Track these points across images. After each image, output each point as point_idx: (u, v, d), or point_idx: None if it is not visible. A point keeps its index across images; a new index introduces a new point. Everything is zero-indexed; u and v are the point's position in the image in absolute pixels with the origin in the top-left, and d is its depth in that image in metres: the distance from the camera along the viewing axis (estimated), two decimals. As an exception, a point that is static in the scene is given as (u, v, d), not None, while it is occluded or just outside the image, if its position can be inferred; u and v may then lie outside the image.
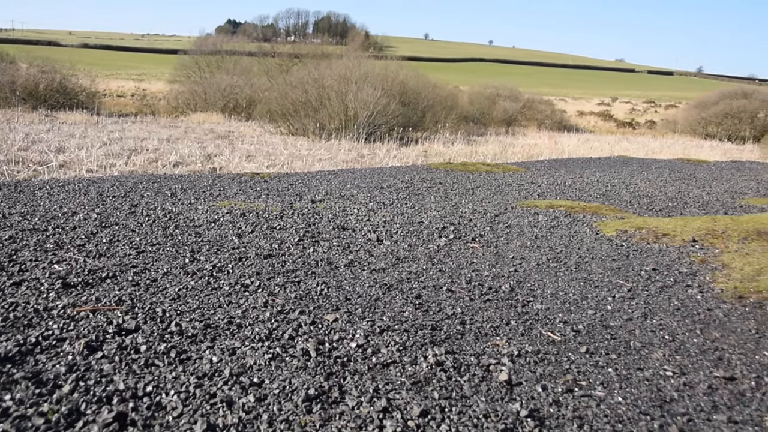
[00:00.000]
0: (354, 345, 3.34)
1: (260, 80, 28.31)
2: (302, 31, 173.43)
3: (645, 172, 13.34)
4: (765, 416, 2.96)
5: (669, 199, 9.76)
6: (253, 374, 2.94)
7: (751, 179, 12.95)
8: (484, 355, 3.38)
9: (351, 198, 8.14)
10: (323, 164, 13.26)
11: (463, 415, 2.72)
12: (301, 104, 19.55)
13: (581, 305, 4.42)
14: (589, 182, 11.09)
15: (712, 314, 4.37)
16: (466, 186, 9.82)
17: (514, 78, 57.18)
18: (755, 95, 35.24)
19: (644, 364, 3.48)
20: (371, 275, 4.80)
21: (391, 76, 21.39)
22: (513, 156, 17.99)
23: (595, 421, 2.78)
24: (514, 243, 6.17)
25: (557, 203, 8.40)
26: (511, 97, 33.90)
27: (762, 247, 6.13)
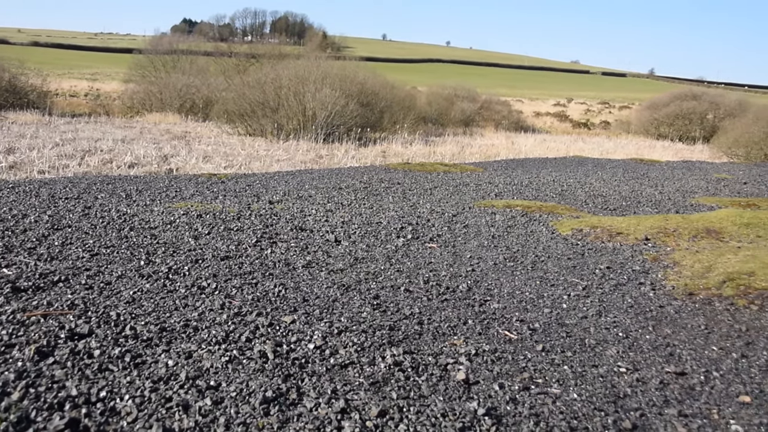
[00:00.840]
0: (312, 346, 3.33)
1: (217, 80, 28.02)
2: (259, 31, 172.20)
3: (600, 171, 13.56)
4: (713, 409, 3.04)
5: (623, 198, 9.93)
6: (209, 377, 2.91)
7: (701, 179, 13.25)
8: (442, 355, 3.40)
9: (309, 199, 8.11)
10: (281, 165, 13.19)
11: (421, 415, 2.73)
12: (258, 105, 19.41)
13: (537, 304, 4.47)
14: (545, 182, 11.23)
15: (664, 311, 4.46)
16: (424, 186, 9.86)
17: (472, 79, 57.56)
18: (704, 97, 36.09)
19: (599, 361, 3.54)
20: (329, 276, 4.79)
21: (350, 77, 21.37)
22: (471, 156, 18.12)
23: (551, 418, 2.82)
24: (472, 243, 6.21)
25: (514, 203, 8.48)
26: (469, 97, 34.15)
27: (711, 244, 6.28)
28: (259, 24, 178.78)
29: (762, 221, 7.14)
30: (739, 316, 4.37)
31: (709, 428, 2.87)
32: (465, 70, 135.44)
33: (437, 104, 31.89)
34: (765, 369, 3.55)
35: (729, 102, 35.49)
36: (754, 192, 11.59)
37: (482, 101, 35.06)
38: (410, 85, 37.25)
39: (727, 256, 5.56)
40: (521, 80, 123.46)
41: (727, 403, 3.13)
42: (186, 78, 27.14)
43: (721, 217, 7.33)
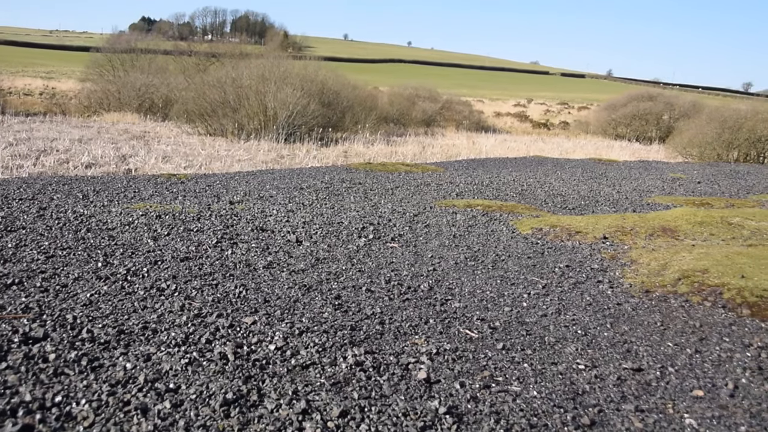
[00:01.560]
0: (273, 347, 3.32)
1: (177, 79, 27.68)
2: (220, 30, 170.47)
3: (559, 171, 13.73)
4: (668, 404, 3.10)
5: (581, 197, 10.07)
6: (169, 380, 2.88)
7: (657, 178, 13.50)
8: (403, 354, 3.41)
9: (270, 199, 8.07)
10: (242, 165, 13.09)
11: (382, 414, 2.74)
12: (219, 104, 19.24)
13: (498, 302, 4.51)
14: (505, 182, 11.33)
15: (622, 308, 4.54)
16: (386, 186, 9.87)
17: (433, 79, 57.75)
18: (660, 98, 36.80)
19: (558, 358, 3.59)
20: (290, 276, 4.77)
21: (311, 77, 21.31)
22: (432, 156, 18.20)
23: (512, 416, 2.85)
24: (433, 242, 6.24)
25: (475, 202, 8.55)
26: (430, 98, 34.30)
27: (667, 243, 6.41)
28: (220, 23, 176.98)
29: (715, 220, 7.30)
30: (694, 312, 4.46)
31: (665, 422, 2.93)
32: (426, 70, 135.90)
33: (399, 104, 31.95)
34: (717, 363, 3.64)
35: (684, 103, 36.24)
36: (708, 191, 11.85)
37: (443, 101, 35.23)
38: (372, 85, 37.26)
39: (681, 254, 5.68)
40: (482, 81, 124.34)
41: (681, 397, 3.20)
42: (145, 77, 26.77)
43: (676, 216, 7.49)
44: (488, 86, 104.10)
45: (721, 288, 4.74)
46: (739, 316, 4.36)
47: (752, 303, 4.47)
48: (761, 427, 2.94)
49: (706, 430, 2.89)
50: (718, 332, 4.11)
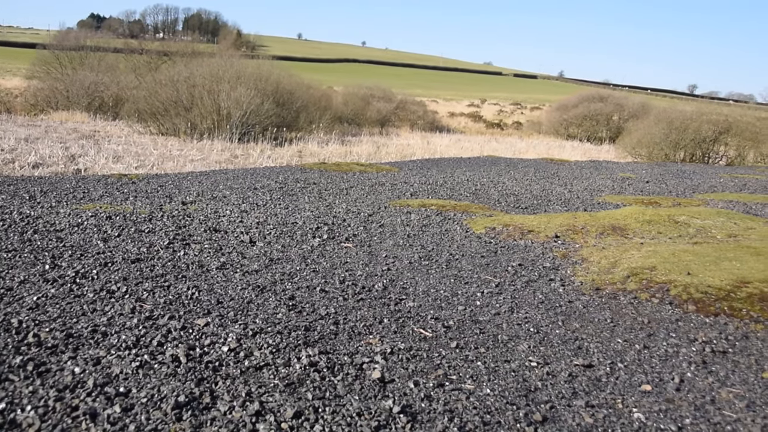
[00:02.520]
0: (226, 349, 3.29)
1: (128, 78, 27.21)
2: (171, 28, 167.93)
3: (512, 171, 13.88)
4: (618, 399, 3.17)
5: (534, 197, 10.21)
6: (119, 384, 2.83)
7: (607, 177, 13.75)
8: (358, 354, 3.41)
9: (223, 199, 7.99)
10: (195, 165, 12.93)
11: (336, 415, 2.74)
12: (171, 103, 18.97)
13: (452, 301, 4.55)
14: (459, 181, 11.41)
15: (573, 306, 4.61)
16: (340, 186, 9.86)
17: (387, 79, 57.93)
18: (610, 99, 37.55)
19: (511, 356, 3.63)
20: (244, 277, 4.74)
21: (265, 76, 21.16)
22: (387, 156, 18.23)
23: (465, 414, 2.88)
24: (387, 242, 6.26)
25: (429, 202, 8.59)
26: (385, 98, 34.35)
27: (616, 241, 6.54)
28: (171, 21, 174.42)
29: (662, 218, 7.47)
30: (642, 309, 4.56)
31: (614, 417, 2.98)
32: (381, 70, 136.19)
33: (353, 104, 31.95)
34: (664, 358, 3.73)
35: (633, 104, 37.04)
36: (656, 190, 12.12)
37: (398, 101, 35.33)
38: (326, 84, 37.20)
39: (630, 252, 5.80)
40: (436, 81, 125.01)
41: (630, 392, 3.27)
42: (94, 75, 26.23)
43: (625, 214, 7.64)
44: (442, 86, 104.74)
45: (668, 285, 4.86)
46: (685, 312, 4.47)
47: (697, 299, 4.59)
48: (705, 419, 3.02)
49: (653, 423, 2.95)
50: (665, 328, 4.21)
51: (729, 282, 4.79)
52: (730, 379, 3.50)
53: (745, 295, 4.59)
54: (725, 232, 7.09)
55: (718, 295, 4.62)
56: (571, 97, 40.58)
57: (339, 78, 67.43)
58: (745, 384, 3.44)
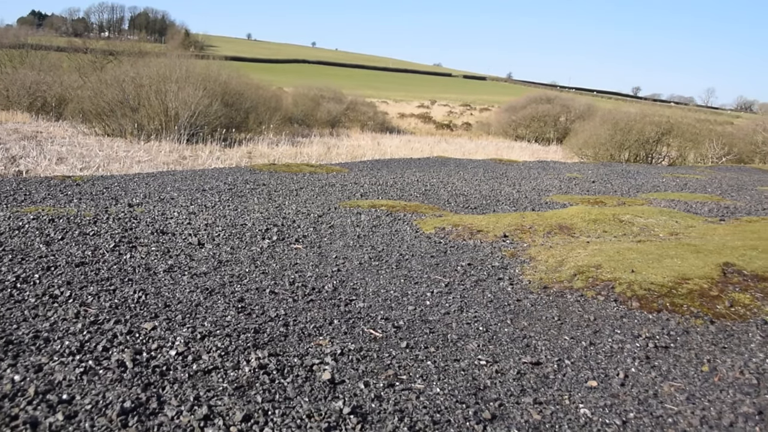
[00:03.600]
0: (174, 353, 3.24)
1: (71, 77, 26.56)
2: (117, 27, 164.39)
3: (461, 171, 14.00)
4: (565, 395, 3.22)
5: (483, 197, 10.31)
6: (62, 391, 2.76)
7: (554, 178, 13.97)
8: (308, 356, 3.40)
9: (171, 201, 7.87)
10: (142, 166, 12.73)
11: (286, 417, 2.72)
12: (117, 104, 18.63)
13: (402, 302, 4.56)
14: (409, 182, 11.47)
15: (521, 304, 4.67)
16: (290, 187, 9.81)
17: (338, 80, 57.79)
18: (557, 101, 38.24)
19: (460, 355, 3.66)
20: (192, 280, 4.67)
21: (213, 76, 20.96)
22: (337, 157, 18.23)
23: (415, 413, 2.89)
24: (337, 243, 6.25)
25: (379, 203, 8.61)
26: (335, 98, 34.33)
27: (563, 240, 6.65)
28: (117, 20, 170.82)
29: (608, 217, 7.63)
30: (588, 306, 4.65)
31: (561, 413, 3.04)
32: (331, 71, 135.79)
33: (303, 105, 31.87)
34: (610, 355, 3.81)
35: (579, 106, 37.76)
36: (601, 190, 12.37)
37: (348, 102, 35.35)
38: (276, 85, 36.93)
39: (577, 251, 5.91)
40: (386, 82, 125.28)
41: (577, 388, 3.33)
42: (36, 74, 25.58)
43: (572, 214, 7.78)
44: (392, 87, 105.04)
45: (613, 282, 4.96)
46: (629, 308, 4.58)
47: (641, 296, 4.70)
48: (648, 412, 3.10)
49: (599, 418, 3.01)
50: (611, 325, 4.30)
51: (671, 279, 4.92)
52: (671, 373, 3.59)
53: (686, 292, 4.72)
54: (667, 230, 7.28)
55: (660, 291, 4.74)
56: (519, 99, 41.19)
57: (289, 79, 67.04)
58: (686, 378, 3.54)
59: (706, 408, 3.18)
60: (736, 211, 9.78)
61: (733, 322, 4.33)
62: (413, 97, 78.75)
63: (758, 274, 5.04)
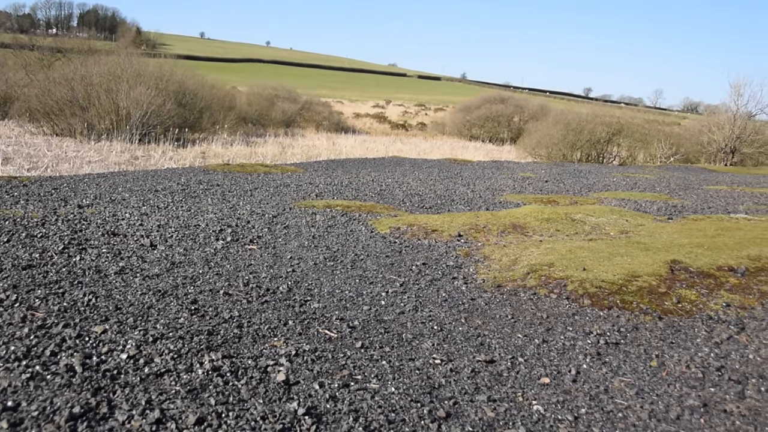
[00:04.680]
0: (125, 356, 3.19)
1: (17, 75, 25.84)
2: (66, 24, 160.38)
3: (416, 171, 14.06)
4: (518, 392, 3.26)
5: (438, 197, 10.37)
6: (7, 398, 2.69)
7: (508, 177, 14.13)
8: (262, 357, 3.38)
9: (123, 202, 7.73)
10: (93, 167, 12.48)
11: (240, 419, 2.70)
12: (66, 102, 18.23)
13: (357, 302, 4.56)
14: (364, 182, 11.47)
15: (475, 303, 4.72)
16: (245, 187, 9.73)
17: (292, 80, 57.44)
18: (511, 101, 38.70)
19: (415, 354, 3.68)
20: (144, 282, 4.60)
21: (166, 75, 20.68)
22: (292, 157, 18.14)
23: (370, 413, 2.90)
24: (292, 243, 6.22)
25: (334, 203, 8.60)
26: (290, 98, 34.18)
27: (517, 239, 6.73)
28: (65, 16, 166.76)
29: (560, 216, 7.75)
30: (541, 304, 4.71)
31: (515, 410, 3.08)
32: (286, 70, 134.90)
33: (258, 104, 31.64)
34: (562, 352, 3.87)
35: (532, 106, 38.29)
36: (554, 189, 12.55)
37: (303, 102, 35.23)
38: (230, 84, 36.63)
39: (530, 250, 5.99)
40: (341, 82, 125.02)
41: (530, 385, 3.38)
42: (-23, 71, 24.85)
43: (525, 213, 7.87)
44: (348, 87, 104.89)
45: (565, 280, 5.04)
46: (581, 306, 4.65)
47: (592, 293, 4.78)
48: (599, 407, 3.16)
49: (551, 414, 3.06)
50: (563, 322, 4.36)
51: (621, 276, 5.02)
52: (621, 368, 3.67)
53: (635, 289, 4.82)
54: (618, 228, 7.42)
55: (611, 289, 4.83)
56: (473, 99, 41.53)
57: (243, 78, 66.42)
58: (635, 373, 3.61)
59: (654, 402, 3.25)
60: (683, 210, 10.02)
61: (680, 317, 4.44)
62: (368, 97, 78.78)
63: (704, 270, 5.18)
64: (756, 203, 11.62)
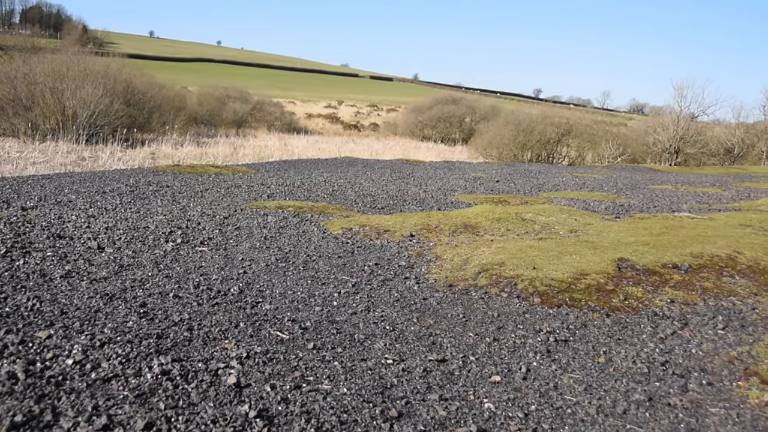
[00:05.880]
0: (71, 362, 3.11)
1: (-44, 73, 25.12)
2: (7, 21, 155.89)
3: (369, 172, 14.07)
4: (470, 391, 3.29)
5: (390, 197, 10.40)
6: (-53, 405, 2.61)
7: (460, 177, 14.24)
8: (213, 360, 3.34)
9: (69, 204, 7.56)
10: (37, 168, 12.18)
11: (190, 423, 2.67)
12: (8, 101, 17.77)
13: (309, 303, 4.55)
14: (317, 182, 11.44)
15: (427, 303, 4.74)
16: (195, 188, 9.61)
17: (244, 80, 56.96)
18: (462, 102, 39.07)
19: (367, 354, 3.68)
20: (91, 285, 4.51)
21: (114, 74, 20.32)
22: (244, 158, 17.99)
23: (322, 414, 2.89)
24: (244, 245, 6.17)
25: (286, 204, 8.55)
26: (241, 98, 33.92)
27: (468, 238, 6.78)
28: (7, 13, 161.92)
29: (511, 216, 7.84)
30: (492, 303, 4.76)
31: (466, 408, 3.10)
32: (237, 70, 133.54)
33: (209, 105, 31.30)
34: (512, 350, 3.92)
35: (484, 107, 38.70)
36: (505, 189, 12.69)
37: (255, 102, 35.01)
38: (180, 84, 36.19)
39: (481, 249, 6.04)
40: (293, 82, 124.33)
41: (481, 383, 3.41)
42: None
43: (476, 213, 7.95)
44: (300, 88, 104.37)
45: (515, 279, 5.10)
46: (531, 304, 4.72)
47: (542, 292, 4.85)
48: (548, 404, 3.21)
49: (502, 412, 3.10)
50: (514, 320, 4.42)
51: (570, 275, 5.10)
52: (570, 365, 3.73)
53: (584, 287, 4.91)
54: (567, 228, 7.54)
55: (560, 287, 4.91)
56: (425, 100, 41.80)
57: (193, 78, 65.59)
58: (584, 369, 3.68)
59: (602, 397, 3.32)
60: (630, 209, 10.24)
61: (627, 314, 4.54)
62: (321, 98, 78.54)
63: (649, 268, 5.30)
64: (699, 202, 11.95)
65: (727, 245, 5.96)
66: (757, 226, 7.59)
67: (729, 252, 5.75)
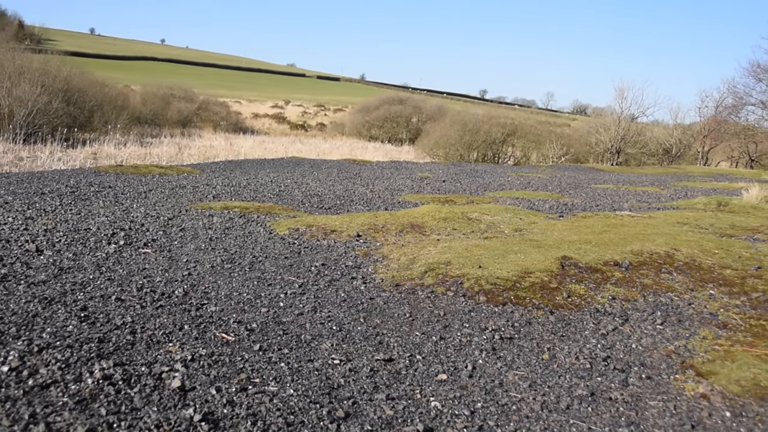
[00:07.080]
0: (6, 368, 3.02)
1: None
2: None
3: (316, 172, 14.03)
4: (416, 390, 3.31)
5: (337, 197, 10.39)
6: None
7: (407, 177, 14.31)
8: (156, 363, 3.28)
9: (5, 205, 7.33)
10: (-29, 168, 11.79)
11: (133, 429, 2.62)
12: (-59, 100, 17.16)
13: (255, 304, 4.51)
14: (263, 183, 11.35)
15: (374, 302, 4.75)
16: (139, 189, 9.43)
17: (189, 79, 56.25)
18: (409, 102, 39.29)
19: (314, 355, 3.67)
20: (29, 289, 4.38)
21: (53, 72, 19.81)
22: (189, 158, 17.74)
23: (269, 416, 2.87)
24: (189, 246, 6.08)
25: (232, 204, 8.46)
26: (186, 98, 33.47)
27: (415, 238, 6.82)
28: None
29: (457, 216, 7.91)
30: (438, 302, 4.80)
31: (413, 407, 3.12)
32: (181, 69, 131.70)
33: (153, 104, 30.77)
34: (459, 348, 3.95)
35: (430, 107, 38.97)
36: (451, 189, 12.80)
37: (200, 102, 34.58)
38: (123, 83, 35.51)
39: (428, 249, 6.08)
40: (239, 81, 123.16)
41: (428, 382, 3.43)
42: None
43: (423, 212, 7.99)
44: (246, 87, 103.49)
45: (461, 278, 5.15)
46: (477, 303, 4.77)
47: (487, 290, 4.91)
48: (494, 401, 3.25)
49: (448, 410, 3.12)
50: (459, 319, 4.46)
51: (515, 273, 5.18)
52: (516, 362, 3.78)
53: (528, 285, 4.99)
54: (512, 227, 7.65)
55: (505, 285, 4.98)
56: (372, 100, 41.87)
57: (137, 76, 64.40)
58: (529, 366, 3.74)
59: (546, 393, 3.38)
60: (573, 208, 10.44)
61: (570, 311, 4.63)
62: (267, 97, 77.97)
63: (591, 266, 5.42)
64: (639, 201, 12.26)
65: (666, 243, 6.13)
66: (693, 224, 7.83)
67: (667, 249, 5.92)
